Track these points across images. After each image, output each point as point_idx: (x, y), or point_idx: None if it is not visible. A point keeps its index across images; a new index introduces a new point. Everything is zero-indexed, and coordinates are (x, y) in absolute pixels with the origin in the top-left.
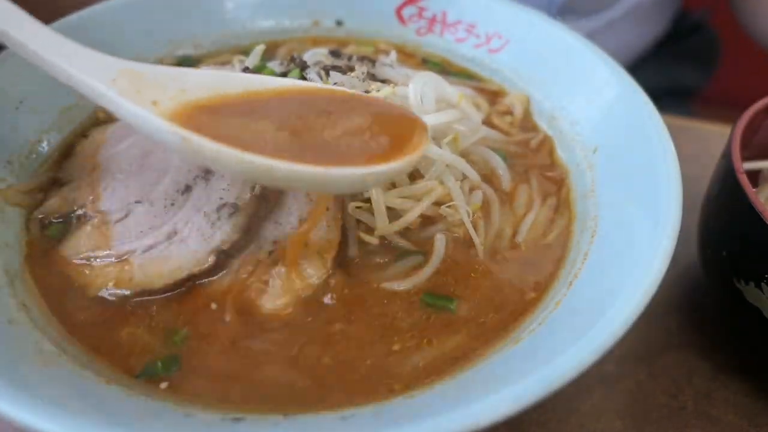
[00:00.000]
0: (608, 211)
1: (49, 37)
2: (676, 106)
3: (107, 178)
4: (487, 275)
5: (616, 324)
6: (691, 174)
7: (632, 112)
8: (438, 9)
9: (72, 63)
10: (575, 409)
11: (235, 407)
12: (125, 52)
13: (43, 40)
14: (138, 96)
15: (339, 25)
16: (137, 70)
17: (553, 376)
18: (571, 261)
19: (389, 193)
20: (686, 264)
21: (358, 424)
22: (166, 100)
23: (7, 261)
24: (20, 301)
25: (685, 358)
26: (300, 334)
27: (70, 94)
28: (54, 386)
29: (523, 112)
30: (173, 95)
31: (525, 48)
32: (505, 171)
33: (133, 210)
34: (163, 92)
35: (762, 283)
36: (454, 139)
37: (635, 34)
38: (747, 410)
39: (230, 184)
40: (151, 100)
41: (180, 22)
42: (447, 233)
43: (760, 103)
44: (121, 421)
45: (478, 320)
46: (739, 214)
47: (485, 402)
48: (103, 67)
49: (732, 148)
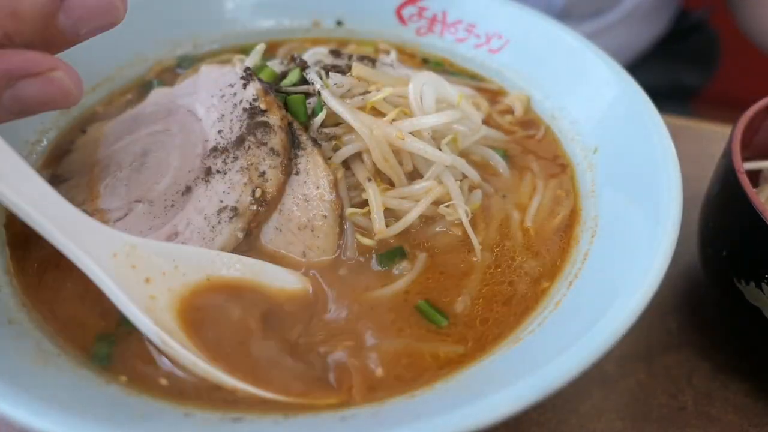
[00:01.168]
0: (608, 211)
1: (47, 197)
2: (676, 106)
3: (107, 176)
4: (487, 275)
5: (616, 324)
6: (691, 174)
7: (632, 112)
8: (438, 9)
9: (71, 235)
10: (575, 409)
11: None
12: (125, 51)
13: (40, 202)
14: (133, 272)
15: (339, 25)
16: (136, 245)
17: (553, 376)
18: (571, 261)
19: (388, 194)
20: (686, 264)
21: (358, 424)
22: (158, 275)
23: (7, 261)
24: (20, 301)
25: (685, 358)
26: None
27: None
28: (54, 386)
29: (523, 112)
30: (166, 270)
31: (525, 48)
32: (505, 169)
33: (133, 209)
34: (158, 267)
35: (762, 283)
36: (453, 139)
37: (635, 34)
38: (747, 410)
39: (230, 187)
40: (145, 277)
41: (180, 22)
42: (445, 233)
43: (760, 103)
44: (121, 421)
45: (478, 320)
46: (739, 214)
47: (485, 402)
48: (103, 241)
49: (732, 148)
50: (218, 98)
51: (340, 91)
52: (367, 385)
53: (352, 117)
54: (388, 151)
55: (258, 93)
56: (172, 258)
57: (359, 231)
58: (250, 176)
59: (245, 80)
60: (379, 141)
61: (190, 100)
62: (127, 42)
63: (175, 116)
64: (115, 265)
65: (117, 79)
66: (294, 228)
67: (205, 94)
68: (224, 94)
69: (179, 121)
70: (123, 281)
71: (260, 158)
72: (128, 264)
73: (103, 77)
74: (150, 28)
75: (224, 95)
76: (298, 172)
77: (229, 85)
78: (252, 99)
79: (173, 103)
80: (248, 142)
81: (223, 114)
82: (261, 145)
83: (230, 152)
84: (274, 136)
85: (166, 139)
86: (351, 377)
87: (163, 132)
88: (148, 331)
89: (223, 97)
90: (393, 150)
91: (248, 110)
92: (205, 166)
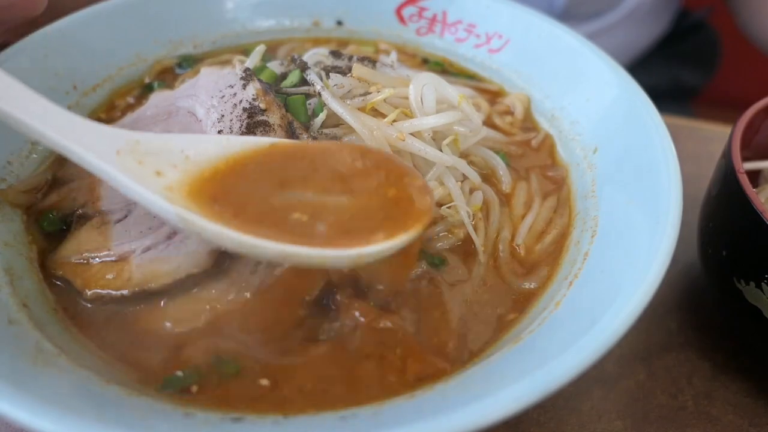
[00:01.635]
0: (608, 211)
1: (48, 110)
2: (676, 106)
3: None
4: (487, 275)
5: (616, 324)
6: (691, 174)
7: (632, 112)
8: (438, 9)
9: (73, 138)
10: (575, 409)
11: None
12: (125, 51)
13: (41, 114)
14: (140, 168)
15: (339, 25)
16: (139, 140)
17: (553, 376)
18: (571, 261)
19: None
20: (686, 264)
21: (358, 424)
22: (169, 168)
23: (7, 261)
24: (20, 301)
25: (685, 358)
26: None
27: (70, 94)
28: (54, 386)
29: (523, 112)
30: (177, 162)
31: (525, 48)
32: (505, 172)
33: (133, 210)
34: (167, 160)
35: (762, 283)
36: (454, 140)
37: (635, 34)
38: (747, 410)
39: None
40: (154, 170)
41: (180, 22)
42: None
43: (760, 103)
44: (121, 421)
45: (478, 320)
46: (739, 214)
47: (485, 402)
48: (105, 140)
49: (732, 148)
50: (218, 99)
51: (340, 92)
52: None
53: (353, 118)
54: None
55: (258, 93)
56: (180, 149)
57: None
58: None
59: (245, 81)
60: (380, 142)
61: (191, 102)
62: (127, 42)
63: (176, 118)
64: (121, 162)
65: (117, 79)
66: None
67: (205, 96)
68: (224, 94)
69: (180, 122)
70: (132, 175)
71: None
72: (134, 160)
73: (103, 77)
74: (150, 28)
75: (224, 96)
76: None
77: (228, 85)
78: (252, 99)
79: (173, 105)
80: None
81: (223, 114)
82: None
83: None
84: (273, 135)
85: None
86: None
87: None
88: (167, 213)
89: (223, 97)
90: (393, 151)
91: (248, 110)
92: None
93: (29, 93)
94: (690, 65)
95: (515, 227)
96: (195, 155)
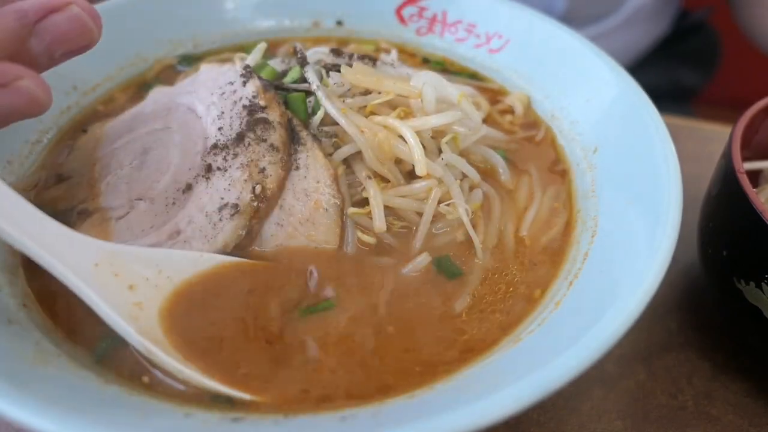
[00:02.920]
0: (608, 211)
1: (26, 216)
2: (676, 106)
3: (107, 174)
4: (487, 275)
5: (616, 324)
6: (691, 174)
7: (632, 112)
8: (438, 9)
9: (53, 250)
10: (575, 409)
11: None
12: (125, 51)
13: (18, 220)
14: (116, 281)
15: (339, 25)
16: (117, 251)
17: (553, 376)
18: (571, 261)
19: (387, 192)
20: (686, 264)
21: (358, 424)
22: (142, 282)
23: (7, 261)
24: (20, 301)
25: (685, 358)
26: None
27: (69, 94)
28: (54, 386)
29: (524, 112)
30: (149, 276)
31: (525, 48)
32: (505, 169)
33: (135, 207)
34: (141, 274)
35: (762, 283)
36: (453, 138)
37: (635, 37)
38: (747, 410)
39: (231, 184)
40: (128, 284)
41: (180, 22)
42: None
43: (760, 103)
44: (121, 421)
45: (478, 320)
46: (739, 214)
47: (485, 402)
48: (84, 252)
49: (732, 148)
50: (218, 96)
51: (340, 90)
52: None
53: (343, 119)
54: (381, 152)
55: (257, 90)
56: (154, 263)
57: (359, 228)
58: (251, 173)
59: (245, 77)
60: (372, 143)
61: (190, 98)
62: (127, 42)
63: (175, 114)
64: (97, 276)
65: (117, 79)
66: (295, 222)
67: (205, 92)
68: (224, 91)
69: (179, 119)
70: (106, 291)
71: (260, 155)
72: (111, 272)
73: (103, 77)
74: (150, 28)
75: (224, 93)
76: (298, 167)
77: (228, 82)
78: (251, 96)
79: (173, 102)
80: (248, 139)
81: (223, 111)
82: (261, 142)
83: (230, 149)
84: (273, 133)
85: (167, 137)
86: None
87: (163, 130)
88: (133, 341)
89: (223, 94)
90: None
91: (248, 107)
92: (206, 164)
93: (9, 194)
94: (690, 65)
95: (519, 219)
96: (168, 270)
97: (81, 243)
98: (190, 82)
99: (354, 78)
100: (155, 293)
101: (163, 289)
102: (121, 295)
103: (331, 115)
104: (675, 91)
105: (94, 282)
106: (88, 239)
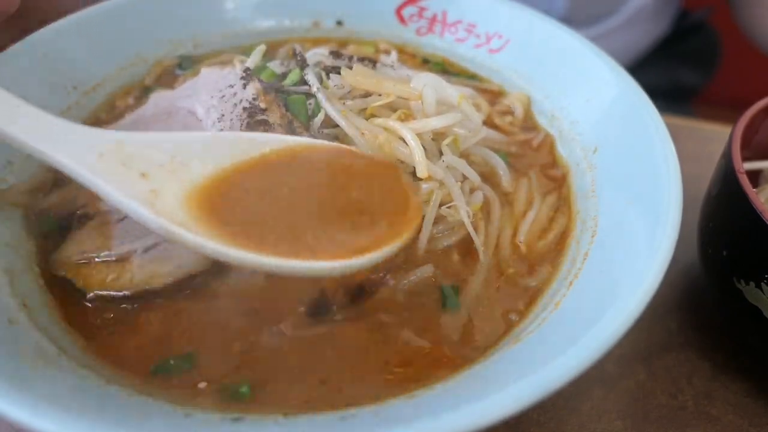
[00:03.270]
0: (608, 211)
1: (20, 111)
2: (676, 106)
3: None
4: (488, 275)
5: (616, 324)
6: (691, 174)
7: (632, 112)
8: (438, 9)
9: (50, 142)
10: (575, 409)
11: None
12: (125, 51)
13: (9, 114)
14: (125, 170)
15: (339, 26)
16: (123, 140)
17: (553, 376)
18: (571, 261)
19: None
20: (686, 264)
21: (358, 424)
22: (156, 169)
23: (7, 261)
24: (20, 301)
25: (685, 358)
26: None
27: (70, 95)
28: (54, 386)
29: (523, 112)
30: (164, 163)
31: (525, 48)
32: (505, 171)
33: None
34: (153, 161)
35: (762, 283)
36: (454, 140)
37: (635, 35)
38: (747, 410)
39: None
40: (139, 173)
41: (180, 22)
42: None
43: (760, 103)
44: (121, 421)
45: (478, 320)
46: (739, 214)
47: (485, 402)
48: (87, 143)
49: (732, 148)
50: (218, 99)
51: (340, 93)
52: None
53: (344, 121)
54: (382, 154)
55: (258, 92)
56: (166, 147)
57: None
58: None
59: (245, 80)
60: (373, 145)
61: (191, 102)
62: (127, 42)
63: (176, 118)
64: (103, 166)
65: (117, 79)
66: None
67: (205, 95)
68: (224, 94)
69: (180, 122)
70: (115, 180)
71: None
72: (118, 162)
73: (103, 77)
74: (150, 28)
75: (224, 95)
76: None
77: (228, 85)
78: (252, 98)
79: (173, 105)
80: None
81: (223, 114)
82: None
83: None
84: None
85: None
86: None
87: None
88: (150, 222)
89: (223, 97)
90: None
91: (248, 109)
92: None
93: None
94: (690, 65)
95: (517, 224)
96: (182, 155)
97: (83, 133)
98: (191, 85)
99: (354, 80)
100: (172, 178)
101: (181, 174)
102: (133, 183)
103: (331, 117)
104: (675, 91)
105: (101, 171)
106: (91, 129)
